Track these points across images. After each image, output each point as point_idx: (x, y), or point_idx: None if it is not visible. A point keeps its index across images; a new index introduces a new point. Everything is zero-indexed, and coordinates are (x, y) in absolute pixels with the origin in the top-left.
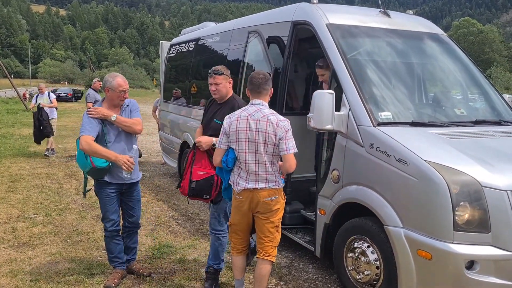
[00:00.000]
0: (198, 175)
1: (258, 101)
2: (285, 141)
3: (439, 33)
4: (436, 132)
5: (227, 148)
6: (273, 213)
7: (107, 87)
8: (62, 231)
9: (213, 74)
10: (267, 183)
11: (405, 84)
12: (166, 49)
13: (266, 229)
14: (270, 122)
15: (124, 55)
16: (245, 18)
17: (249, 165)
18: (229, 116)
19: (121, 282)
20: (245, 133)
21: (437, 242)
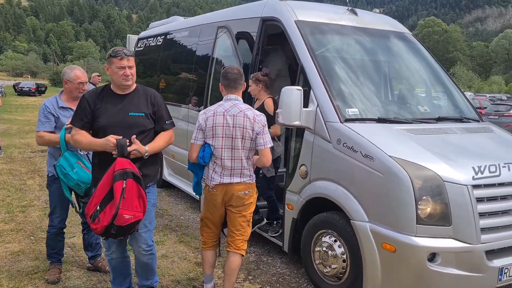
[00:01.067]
0: (124, 220)
1: (233, 96)
2: (263, 136)
3: (404, 31)
4: (401, 128)
5: (203, 143)
6: (246, 207)
7: (65, 79)
8: (25, 229)
9: (123, 55)
10: (241, 178)
11: (372, 81)
12: (133, 43)
13: (238, 223)
14: (247, 117)
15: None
16: (214, 13)
17: (225, 161)
18: (204, 112)
19: (88, 279)
20: (222, 128)
21: (400, 235)
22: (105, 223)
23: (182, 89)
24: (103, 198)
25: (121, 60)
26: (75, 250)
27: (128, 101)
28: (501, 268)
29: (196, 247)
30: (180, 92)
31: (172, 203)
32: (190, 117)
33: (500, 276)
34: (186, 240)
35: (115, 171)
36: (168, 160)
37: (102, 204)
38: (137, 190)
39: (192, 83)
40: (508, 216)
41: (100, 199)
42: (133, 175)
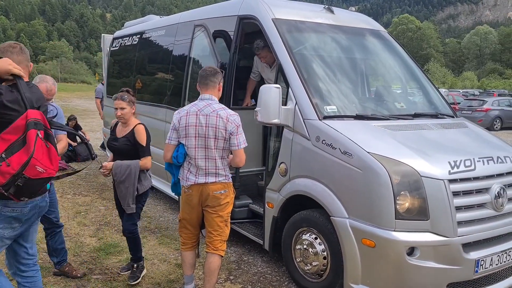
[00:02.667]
0: (35, 172)
1: (207, 95)
2: (237, 136)
3: (379, 29)
4: (379, 125)
5: (177, 143)
6: (222, 207)
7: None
8: None
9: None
10: (217, 177)
11: (349, 78)
12: (108, 43)
13: (215, 223)
14: (220, 117)
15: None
16: (191, 11)
17: (198, 160)
18: (178, 112)
19: (66, 285)
20: (195, 128)
21: (380, 231)
22: (13, 171)
23: (159, 89)
24: (11, 144)
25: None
26: None
27: None
28: (477, 260)
29: (176, 248)
30: (157, 92)
31: (151, 204)
32: (168, 117)
33: (476, 268)
34: (166, 242)
35: (28, 120)
36: None
37: (8, 151)
38: (47, 146)
39: (169, 83)
40: (483, 210)
41: (7, 145)
42: (45, 129)
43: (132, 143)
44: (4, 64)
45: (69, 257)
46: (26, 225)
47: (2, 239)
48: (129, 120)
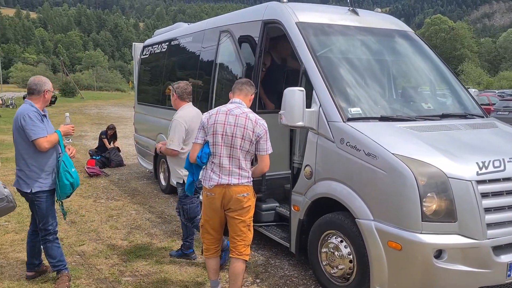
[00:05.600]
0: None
1: (237, 99)
2: (266, 141)
3: (406, 30)
4: (404, 126)
5: (203, 143)
6: (245, 210)
7: (47, 89)
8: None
9: None
10: (239, 179)
11: (374, 80)
12: (139, 51)
13: (238, 229)
14: (249, 119)
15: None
16: (216, 18)
17: (223, 158)
18: (208, 112)
19: (98, 286)
20: (223, 126)
21: (406, 233)
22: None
23: None
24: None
25: None
26: (85, 258)
27: None
28: (509, 264)
29: (199, 251)
30: None
31: None
32: None
33: (509, 272)
34: (194, 245)
35: None
36: None
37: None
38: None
39: (197, 89)
40: None
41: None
42: None
43: None
44: None
45: (101, 259)
46: None
47: None
48: None
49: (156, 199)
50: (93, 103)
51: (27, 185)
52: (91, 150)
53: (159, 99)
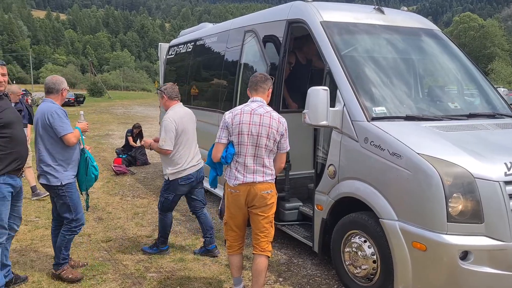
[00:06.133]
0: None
1: (258, 98)
2: (286, 139)
3: (433, 28)
4: (430, 125)
5: (227, 142)
6: (268, 207)
7: (64, 88)
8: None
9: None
10: (264, 177)
11: (400, 79)
12: (165, 51)
13: (261, 225)
14: (273, 118)
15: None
16: (241, 18)
17: (247, 158)
18: (230, 111)
19: (123, 281)
20: (248, 126)
21: (431, 234)
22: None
23: (212, 94)
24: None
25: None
26: (111, 254)
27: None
28: None
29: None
30: (210, 97)
31: None
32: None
33: None
34: (217, 243)
35: None
36: None
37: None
38: None
39: (221, 88)
40: None
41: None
42: None
43: None
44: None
45: (127, 255)
46: None
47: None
48: None
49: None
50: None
51: (56, 178)
52: (118, 149)
53: (184, 98)
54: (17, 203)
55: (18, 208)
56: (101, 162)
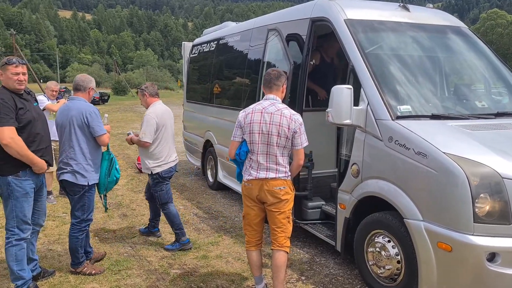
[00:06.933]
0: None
1: (271, 95)
2: (300, 135)
3: (460, 25)
4: (456, 124)
5: (241, 140)
6: (283, 203)
7: (91, 87)
8: (90, 229)
9: (18, 63)
10: (277, 173)
11: (425, 77)
12: (188, 50)
13: (278, 220)
14: (284, 116)
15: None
16: (264, 16)
17: (260, 156)
18: (244, 110)
19: (148, 277)
20: (259, 125)
21: (457, 234)
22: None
23: (236, 93)
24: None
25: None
26: (136, 250)
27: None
28: None
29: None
30: (233, 96)
31: (227, 205)
32: None
33: None
34: (240, 241)
35: None
36: (222, 162)
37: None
38: None
39: (244, 87)
40: None
41: None
42: None
43: None
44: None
45: (151, 251)
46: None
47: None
48: None
49: (203, 195)
50: None
51: (84, 178)
52: None
53: (208, 97)
54: (40, 199)
55: (41, 203)
56: (125, 160)
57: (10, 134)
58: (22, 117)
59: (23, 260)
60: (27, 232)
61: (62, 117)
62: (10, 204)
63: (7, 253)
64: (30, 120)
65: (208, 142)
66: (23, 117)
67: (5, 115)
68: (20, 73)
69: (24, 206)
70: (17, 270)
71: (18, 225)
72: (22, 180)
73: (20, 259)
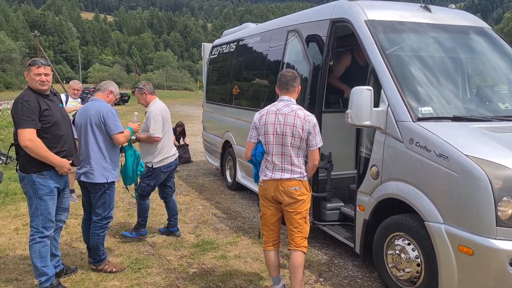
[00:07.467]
0: None
1: (286, 97)
2: (315, 136)
3: (483, 26)
4: (479, 126)
5: (257, 141)
6: (299, 203)
7: (111, 90)
8: (111, 228)
9: (41, 64)
10: (292, 174)
11: (447, 79)
12: (208, 51)
13: (294, 221)
14: (298, 117)
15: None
16: (284, 17)
17: (275, 157)
18: (259, 112)
19: (167, 276)
20: (273, 126)
21: (479, 238)
22: None
23: (255, 94)
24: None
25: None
26: (155, 249)
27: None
28: None
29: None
30: (253, 97)
31: (245, 205)
32: None
33: None
34: (259, 242)
35: None
36: (241, 162)
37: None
38: None
39: (264, 88)
40: None
41: None
42: None
43: None
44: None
45: (170, 250)
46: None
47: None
48: None
49: (222, 195)
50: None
51: (102, 176)
52: None
53: (227, 98)
54: (63, 196)
55: (64, 200)
56: None
57: (30, 136)
58: (46, 118)
59: (47, 257)
60: (50, 229)
61: (81, 117)
62: (34, 203)
63: (31, 250)
64: (55, 121)
65: (227, 143)
66: (47, 118)
67: (27, 117)
68: (43, 74)
69: (48, 204)
70: (41, 267)
71: (43, 223)
72: (47, 178)
73: (43, 255)
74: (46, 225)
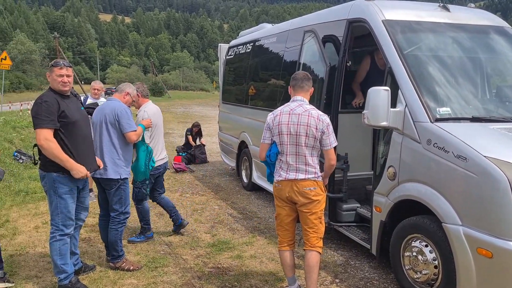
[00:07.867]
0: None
1: (299, 97)
2: (328, 136)
3: (503, 25)
4: (498, 127)
5: (271, 142)
6: (314, 203)
7: (127, 92)
8: (128, 227)
9: (63, 65)
10: (306, 174)
11: (466, 79)
12: (224, 52)
13: (309, 221)
14: (311, 116)
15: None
16: (300, 18)
17: (289, 157)
18: (272, 113)
19: (183, 275)
20: (287, 126)
21: (498, 240)
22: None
23: (271, 95)
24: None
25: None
26: (172, 248)
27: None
28: None
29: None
30: (269, 98)
31: (261, 205)
32: None
33: None
34: (274, 242)
35: None
36: (257, 163)
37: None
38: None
39: (280, 89)
40: None
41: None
42: None
43: None
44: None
45: (186, 250)
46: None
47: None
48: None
49: (238, 195)
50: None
51: (116, 172)
52: (178, 147)
53: (243, 98)
54: (83, 195)
55: (83, 199)
56: None
57: (46, 136)
58: (66, 119)
59: (66, 255)
60: (70, 227)
61: (97, 116)
62: (54, 201)
63: (51, 248)
64: (74, 122)
65: (243, 143)
66: (67, 119)
67: (45, 117)
68: (64, 75)
69: (68, 203)
70: (61, 264)
71: (63, 221)
72: (67, 177)
73: (63, 253)
74: (66, 223)
